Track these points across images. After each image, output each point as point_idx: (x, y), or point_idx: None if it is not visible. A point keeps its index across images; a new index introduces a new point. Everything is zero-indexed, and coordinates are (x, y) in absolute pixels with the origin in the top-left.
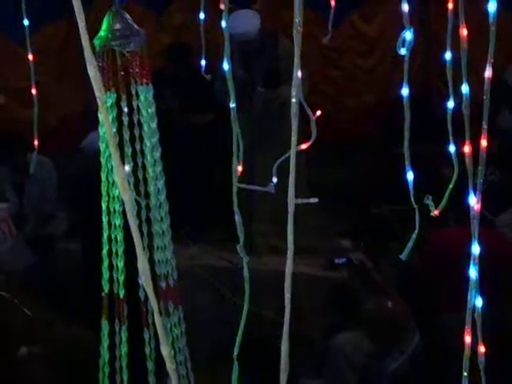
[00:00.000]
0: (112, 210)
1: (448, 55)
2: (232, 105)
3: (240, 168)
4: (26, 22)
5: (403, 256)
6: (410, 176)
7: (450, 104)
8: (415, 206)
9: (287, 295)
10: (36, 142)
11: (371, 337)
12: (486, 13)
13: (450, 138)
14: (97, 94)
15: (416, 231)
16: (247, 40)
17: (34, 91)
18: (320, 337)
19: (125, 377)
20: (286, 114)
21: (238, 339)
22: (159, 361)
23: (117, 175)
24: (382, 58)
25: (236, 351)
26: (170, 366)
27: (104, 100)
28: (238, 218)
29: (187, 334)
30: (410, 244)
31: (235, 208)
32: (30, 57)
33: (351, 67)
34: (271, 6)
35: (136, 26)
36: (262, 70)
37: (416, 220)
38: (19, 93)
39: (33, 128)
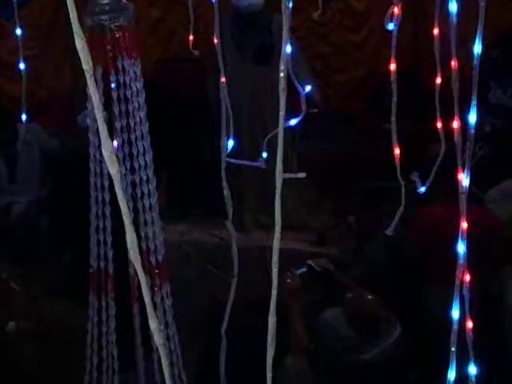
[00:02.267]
0: (99, 185)
1: (436, 31)
2: (222, 79)
3: (230, 143)
4: None
5: (389, 231)
6: (397, 151)
7: (438, 80)
8: (402, 182)
9: (274, 269)
10: (24, 117)
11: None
12: None
13: (437, 113)
14: (84, 67)
15: (401, 207)
16: (253, 12)
17: (22, 65)
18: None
19: (114, 352)
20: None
21: (226, 315)
22: (146, 335)
23: (104, 149)
24: (371, 33)
25: (224, 326)
26: (157, 339)
27: (92, 73)
28: (226, 192)
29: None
30: (395, 219)
31: (224, 183)
32: (18, 31)
33: (341, 43)
34: None
35: (125, 0)
36: (256, 45)
37: (402, 196)
38: (7, 67)
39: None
